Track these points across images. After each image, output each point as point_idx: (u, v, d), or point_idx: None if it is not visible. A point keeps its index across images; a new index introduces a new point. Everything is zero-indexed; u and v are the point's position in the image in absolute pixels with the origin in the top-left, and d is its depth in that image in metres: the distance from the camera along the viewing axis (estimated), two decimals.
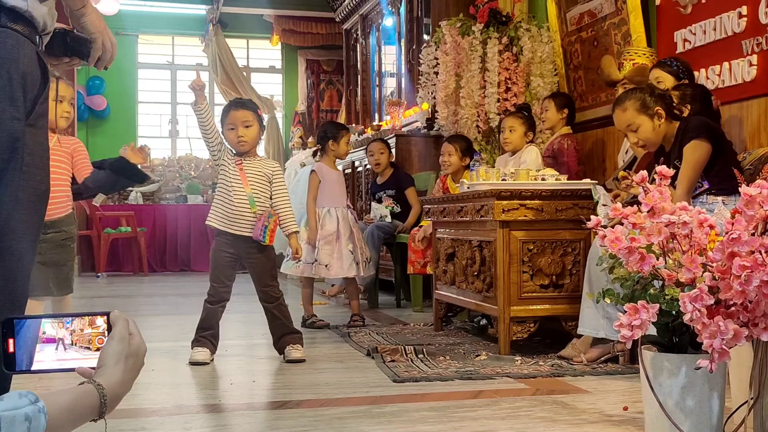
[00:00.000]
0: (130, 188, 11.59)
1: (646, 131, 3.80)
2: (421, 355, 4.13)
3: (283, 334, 4.26)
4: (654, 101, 3.77)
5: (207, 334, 4.22)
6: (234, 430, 2.86)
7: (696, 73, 4.46)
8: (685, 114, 3.83)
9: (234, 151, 4.34)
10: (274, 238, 4.21)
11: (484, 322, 5.09)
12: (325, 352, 4.45)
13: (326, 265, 5.57)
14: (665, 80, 4.17)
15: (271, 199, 4.30)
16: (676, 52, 4.80)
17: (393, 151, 7.13)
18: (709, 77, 4.54)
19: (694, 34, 4.72)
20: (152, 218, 11.33)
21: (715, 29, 4.54)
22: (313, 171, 5.69)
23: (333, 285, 7.53)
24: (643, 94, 3.81)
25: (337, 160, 5.95)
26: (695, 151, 3.63)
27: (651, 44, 5.15)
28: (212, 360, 4.19)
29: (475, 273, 4.52)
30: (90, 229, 10.64)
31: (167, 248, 11.45)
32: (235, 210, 4.23)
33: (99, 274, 10.31)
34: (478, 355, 4.16)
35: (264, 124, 4.34)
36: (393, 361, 4.03)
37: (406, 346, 4.26)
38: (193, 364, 4.10)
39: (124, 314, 1.60)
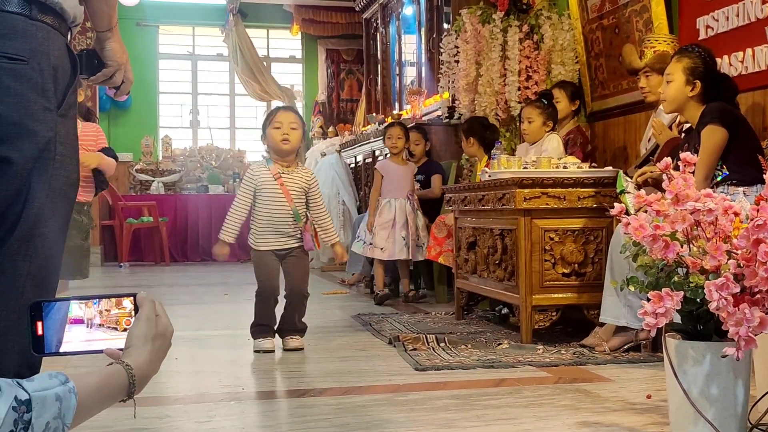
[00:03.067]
0: (152, 179, 11.66)
1: (672, 88, 3.81)
2: (442, 344, 4.14)
3: (288, 328, 4.26)
4: (700, 75, 3.76)
5: (265, 328, 4.22)
6: (257, 418, 2.88)
7: (719, 60, 4.43)
8: (697, 88, 3.79)
9: (267, 161, 4.35)
10: (319, 241, 4.27)
11: (505, 310, 5.09)
12: (347, 341, 4.47)
13: (381, 248, 6.24)
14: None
15: (308, 208, 4.30)
16: (699, 38, 4.77)
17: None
18: (732, 64, 4.51)
19: (717, 20, 4.68)
20: (174, 208, 11.38)
21: (738, 15, 4.50)
22: (375, 169, 6.55)
23: (353, 274, 7.55)
24: (700, 62, 3.80)
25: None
26: (710, 137, 3.62)
27: (673, 31, 5.11)
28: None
29: (497, 262, 4.52)
30: (112, 219, 10.71)
31: (188, 238, 11.49)
32: (277, 225, 4.23)
33: (121, 264, 10.37)
34: (499, 344, 4.16)
35: (305, 135, 4.36)
36: (415, 349, 4.04)
37: (428, 335, 4.27)
38: (260, 351, 4.13)
39: (150, 295, 1.62)
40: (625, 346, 3.92)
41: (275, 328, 4.29)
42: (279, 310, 4.27)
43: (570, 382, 3.33)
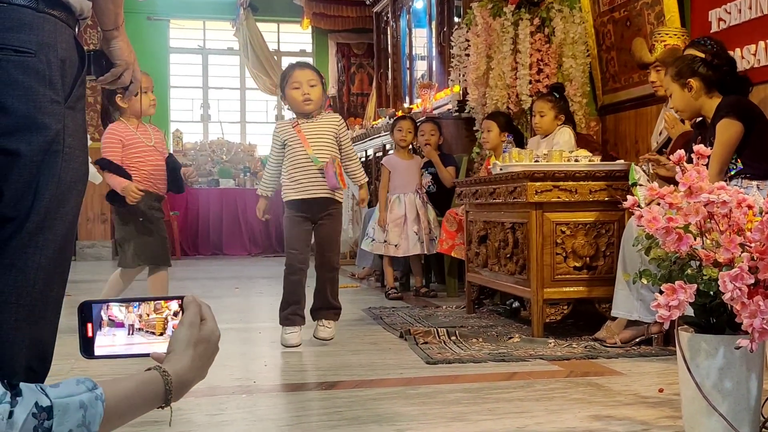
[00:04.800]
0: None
1: (676, 100, 3.84)
2: (453, 337, 4.13)
3: (322, 307, 4.21)
4: (689, 72, 3.75)
5: (295, 309, 4.14)
6: (268, 411, 2.88)
7: (731, 53, 4.40)
8: (693, 86, 3.77)
9: (293, 116, 4.35)
10: (345, 180, 4.18)
11: (516, 304, 5.09)
12: (358, 334, 4.47)
13: (395, 245, 6.25)
14: None
15: (340, 153, 4.25)
16: (711, 31, 4.75)
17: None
18: (744, 57, 4.49)
19: (729, 13, 4.66)
20: (184, 202, 11.38)
21: (750, 8, 4.48)
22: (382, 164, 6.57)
23: (364, 267, 7.55)
24: (683, 63, 3.79)
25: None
26: (725, 131, 3.60)
27: (685, 24, 5.09)
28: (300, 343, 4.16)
29: (508, 255, 4.51)
30: None
31: (199, 232, 11.51)
32: (300, 173, 4.15)
33: None
34: (510, 338, 4.15)
35: (325, 87, 4.31)
36: (426, 343, 4.04)
37: (439, 329, 4.27)
38: (286, 346, 4.08)
39: (198, 299, 1.58)
40: (637, 340, 3.91)
41: (310, 309, 4.24)
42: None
43: (582, 375, 3.33)
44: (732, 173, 3.62)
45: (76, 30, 1.80)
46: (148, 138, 4.52)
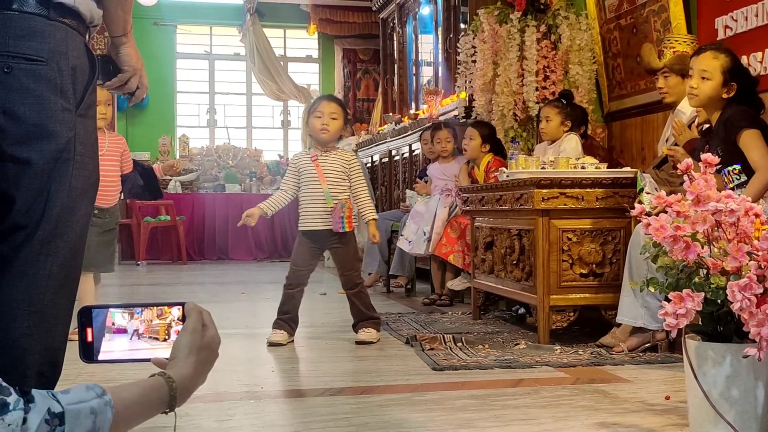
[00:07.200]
0: (169, 178, 11.67)
1: (710, 88, 3.70)
2: (460, 344, 4.14)
3: (359, 320, 4.45)
4: (737, 76, 3.71)
5: (285, 318, 4.41)
6: (276, 416, 2.89)
7: None
8: (732, 92, 3.75)
9: (309, 148, 4.56)
10: (352, 223, 4.39)
11: (522, 310, 5.09)
12: None
13: (409, 241, 6.28)
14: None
15: (350, 189, 4.47)
16: (717, 39, 4.75)
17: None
18: (750, 64, 4.49)
19: (736, 20, 4.66)
20: (191, 207, 11.41)
21: (757, 15, 4.48)
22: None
23: (370, 273, 7.54)
24: (737, 63, 3.76)
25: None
26: (755, 139, 3.56)
27: (691, 31, 5.09)
28: (291, 341, 4.39)
29: (514, 262, 4.51)
30: (130, 218, 10.74)
31: (205, 237, 11.52)
32: (312, 206, 4.41)
33: (139, 263, 10.41)
34: (517, 344, 4.16)
35: (348, 122, 4.51)
36: (432, 349, 4.04)
37: (445, 335, 4.27)
38: (270, 344, 4.30)
39: (199, 305, 1.60)
40: (642, 347, 3.91)
41: (352, 324, 4.50)
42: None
43: (588, 382, 3.33)
44: (733, 185, 3.60)
45: (87, 37, 1.81)
46: (109, 148, 4.61)
